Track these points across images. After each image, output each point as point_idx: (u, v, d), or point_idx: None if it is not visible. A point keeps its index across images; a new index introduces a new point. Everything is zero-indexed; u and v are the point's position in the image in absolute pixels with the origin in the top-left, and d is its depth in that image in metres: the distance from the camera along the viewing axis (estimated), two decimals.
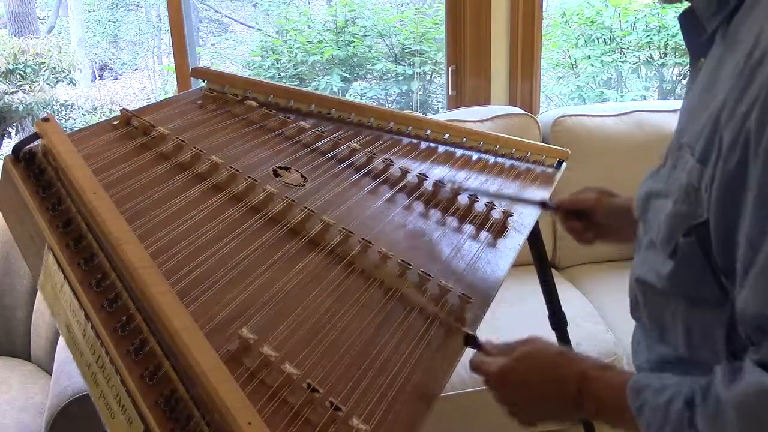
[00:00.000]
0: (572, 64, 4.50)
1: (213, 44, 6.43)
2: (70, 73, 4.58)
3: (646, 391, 0.70)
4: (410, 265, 0.96)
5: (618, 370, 0.77)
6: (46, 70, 4.39)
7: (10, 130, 4.41)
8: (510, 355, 0.83)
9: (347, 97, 3.79)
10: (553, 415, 0.82)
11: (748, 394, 0.61)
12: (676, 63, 4.25)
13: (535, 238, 1.36)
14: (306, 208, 0.99)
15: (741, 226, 0.62)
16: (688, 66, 0.82)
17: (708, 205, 0.66)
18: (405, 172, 1.18)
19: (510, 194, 1.25)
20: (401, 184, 1.16)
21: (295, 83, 4.52)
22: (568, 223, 1.18)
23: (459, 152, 1.35)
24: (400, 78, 4.60)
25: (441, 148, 1.34)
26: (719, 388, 0.64)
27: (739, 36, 0.67)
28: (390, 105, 4.69)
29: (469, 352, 0.91)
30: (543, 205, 1.23)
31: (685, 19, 0.78)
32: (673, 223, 0.71)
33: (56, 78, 4.48)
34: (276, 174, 1.07)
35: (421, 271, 0.95)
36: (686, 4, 0.78)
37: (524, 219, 1.20)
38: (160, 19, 6.83)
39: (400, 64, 4.60)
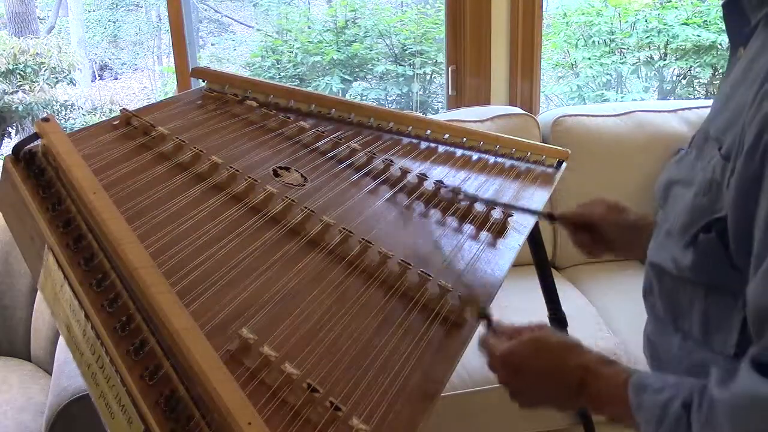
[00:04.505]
0: (572, 64, 4.50)
1: (213, 44, 6.43)
2: (70, 73, 4.57)
3: (646, 391, 0.71)
4: (410, 265, 0.96)
5: (620, 365, 0.78)
6: (46, 70, 4.39)
7: (10, 130, 4.41)
8: (516, 339, 0.84)
9: (347, 98, 3.79)
10: (551, 402, 0.84)
11: (740, 397, 0.61)
12: (676, 63, 4.25)
13: (535, 238, 1.36)
14: (306, 208, 0.99)
15: (756, 225, 0.62)
16: (728, 52, 0.80)
17: (727, 201, 0.66)
18: (405, 172, 1.18)
19: (513, 204, 1.21)
20: (401, 184, 1.16)
21: (295, 84, 4.52)
22: (577, 237, 1.13)
23: (459, 152, 1.35)
24: (400, 79, 4.59)
25: (441, 148, 1.34)
26: (713, 390, 0.64)
27: None
28: (390, 105, 4.69)
29: (469, 353, 0.91)
30: (549, 216, 1.18)
31: (729, 6, 0.76)
32: (692, 215, 0.71)
33: (56, 78, 4.48)
34: (276, 174, 1.07)
35: (421, 271, 0.95)
36: None
37: (524, 219, 1.20)
38: (160, 19, 6.83)
39: (401, 65, 4.60)
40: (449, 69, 2.60)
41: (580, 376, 0.78)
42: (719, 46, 3.99)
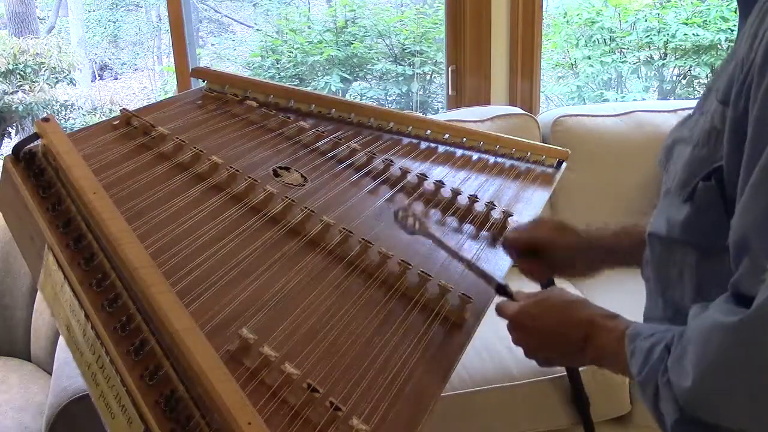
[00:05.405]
0: (572, 64, 4.50)
1: (213, 44, 6.43)
2: (70, 73, 4.58)
3: (638, 338, 0.72)
4: (410, 265, 0.96)
5: (622, 319, 0.79)
6: (46, 70, 4.39)
7: (10, 130, 4.42)
8: (528, 300, 0.88)
9: (347, 98, 3.79)
10: (562, 357, 0.87)
11: (704, 326, 0.61)
12: (675, 63, 4.25)
13: None
14: (306, 208, 0.99)
15: (743, 160, 0.62)
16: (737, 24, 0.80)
17: (725, 145, 0.66)
18: (405, 172, 1.18)
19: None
20: (401, 184, 1.16)
21: (295, 83, 4.52)
22: (523, 264, 1.06)
23: (459, 152, 1.35)
24: (399, 78, 4.59)
25: (441, 148, 1.34)
26: (688, 324, 0.65)
27: None
28: (390, 105, 4.69)
29: (469, 352, 0.91)
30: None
31: None
32: (690, 168, 0.70)
33: (56, 78, 4.48)
34: (276, 174, 1.07)
35: (421, 271, 0.95)
36: None
37: (524, 219, 1.20)
38: (160, 19, 6.83)
39: (400, 65, 4.60)
40: (449, 69, 2.60)
41: (585, 330, 0.80)
42: (719, 46, 3.99)
